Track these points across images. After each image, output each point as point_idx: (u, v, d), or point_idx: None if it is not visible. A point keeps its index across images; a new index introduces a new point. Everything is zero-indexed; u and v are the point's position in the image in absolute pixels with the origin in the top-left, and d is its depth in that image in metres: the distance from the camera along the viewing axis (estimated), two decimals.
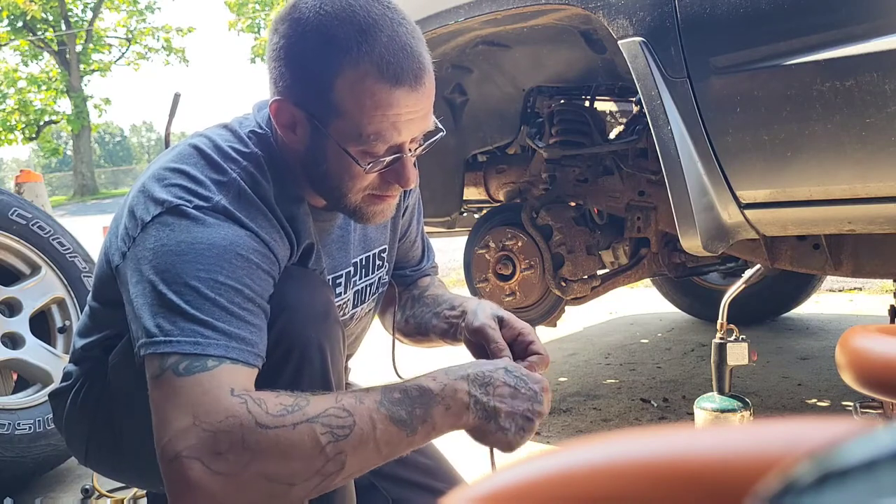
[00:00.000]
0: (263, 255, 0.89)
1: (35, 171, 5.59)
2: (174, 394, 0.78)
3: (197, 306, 0.81)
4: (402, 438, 0.84)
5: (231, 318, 0.82)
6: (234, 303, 0.83)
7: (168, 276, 0.83)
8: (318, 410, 0.79)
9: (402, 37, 0.88)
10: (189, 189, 0.89)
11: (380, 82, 0.87)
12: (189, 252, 0.84)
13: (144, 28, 29.13)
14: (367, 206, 0.98)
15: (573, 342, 3.11)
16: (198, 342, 0.80)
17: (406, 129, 0.90)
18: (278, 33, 0.91)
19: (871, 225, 1.56)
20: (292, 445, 0.77)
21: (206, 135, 0.98)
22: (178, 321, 0.81)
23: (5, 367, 2.02)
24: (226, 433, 0.75)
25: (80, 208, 20.81)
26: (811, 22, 1.44)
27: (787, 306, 3.15)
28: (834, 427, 0.28)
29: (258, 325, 0.85)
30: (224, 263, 0.84)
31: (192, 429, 0.76)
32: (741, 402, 1.60)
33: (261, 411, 0.77)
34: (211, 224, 0.86)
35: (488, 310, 1.09)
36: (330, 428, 0.79)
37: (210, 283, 0.82)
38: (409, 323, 1.25)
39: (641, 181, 2.13)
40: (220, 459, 0.75)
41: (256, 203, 0.91)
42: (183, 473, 0.75)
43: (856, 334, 0.73)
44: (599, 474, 0.32)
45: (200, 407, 0.76)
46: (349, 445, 0.79)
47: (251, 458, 0.76)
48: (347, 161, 0.92)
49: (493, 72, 2.31)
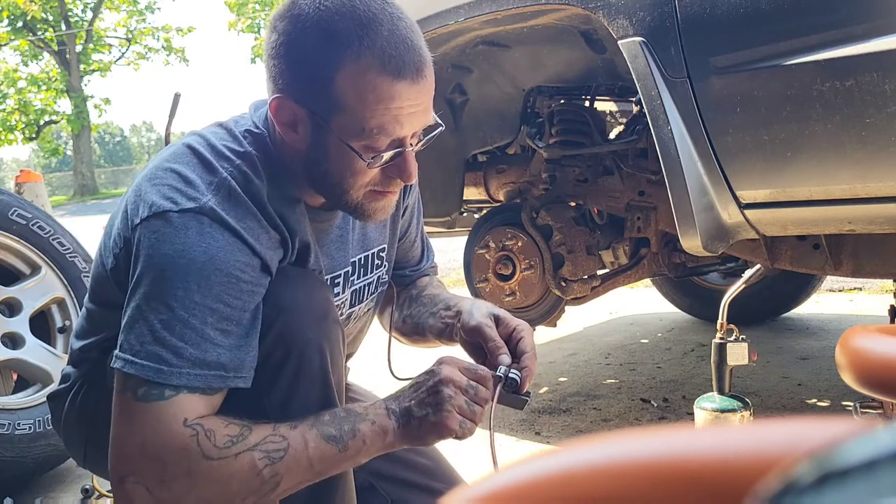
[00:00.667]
0: (246, 265, 0.89)
1: (35, 171, 5.59)
2: (130, 417, 0.84)
3: (169, 327, 0.84)
4: (335, 454, 0.89)
5: (201, 342, 0.85)
6: (208, 323, 0.85)
7: (148, 291, 0.86)
8: (259, 438, 0.85)
9: (403, 31, 0.89)
10: (179, 189, 0.90)
11: (382, 75, 0.87)
12: (169, 268, 0.86)
13: (144, 28, 29.14)
14: (369, 202, 0.98)
15: (573, 342, 3.11)
16: (161, 369, 0.83)
17: (408, 122, 0.91)
18: (277, 31, 0.91)
19: (871, 225, 1.56)
20: (233, 473, 0.83)
21: (200, 133, 0.98)
22: (147, 342, 0.84)
23: (5, 367, 2.02)
24: (173, 464, 0.81)
25: (80, 208, 20.81)
26: (811, 22, 1.44)
27: (787, 306, 3.15)
28: (834, 427, 0.28)
29: (232, 345, 0.87)
30: (202, 281, 0.85)
31: (139, 454, 0.82)
32: (741, 402, 1.60)
33: (209, 444, 0.83)
34: (192, 236, 0.87)
35: (484, 309, 1.10)
36: (267, 453, 0.85)
37: (185, 304, 0.85)
38: (406, 323, 1.25)
39: (641, 181, 2.13)
40: (164, 487, 0.82)
41: (246, 203, 0.91)
42: (128, 497, 0.83)
43: (856, 334, 0.73)
44: (599, 474, 0.32)
45: (151, 435, 0.82)
46: (283, 467, 0.85)
47: (194, 485, 0.82)
48: (350, 157, 0.92)
49: (493, 72, 2.31)
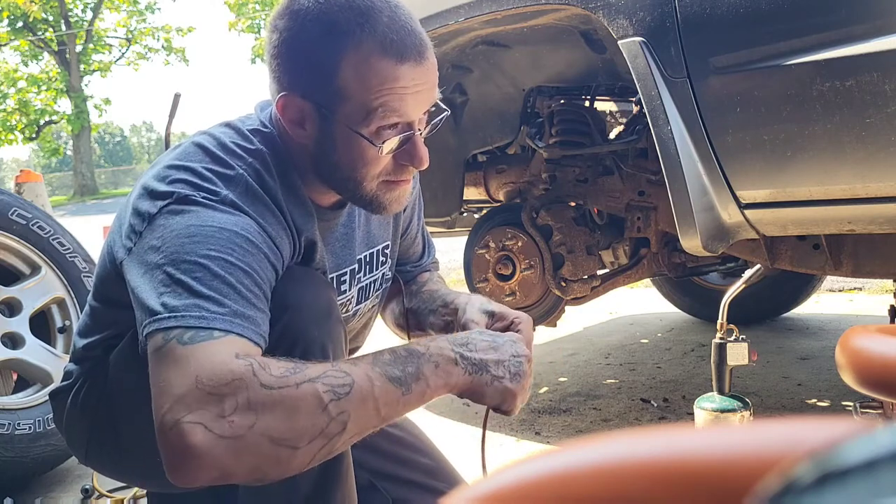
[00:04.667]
0: (270, 247, 0.89)
1: (35, 171, 5.58)
2: (177, 362, 0.76)
3: (205, 283, 0.80)
4: (399, 397, 0.83)
5: (238, 298, 0.81)
6: (243, 284, 0.82)
7: (176, 257, 0.82)
8: (319, 372, 0.79)
9: (402, 17, 0.90)
10: (195, 184, 0.89)
11: (384, 59, 0.88)
12: (198, 234, 0.83)
13: (144, 28, 29.13)
14: (384, 193, 0.98)
15: (573, 342, 3.11)
16: (203, 316, 0.78)
17: (413, 102, 0.91)
18: (278, 29, 0.92)
19: (871, 225, 1.56)
20: (297, 404, 0.76)
21: (209, 133, 0.98)
22: (185, 297, 0.79)
23: (5, 367, 2.02)
24: (230, 395, 0.73)
25: (80, 208, 20.80)
26: (811, 22, 1.44)
27: (787, 306, 3.15)
28: (834, 427, 0.28)
29: (263, 310, 0.85)
30: (234, 246, 0.83)
31: (194, 392, 0.73)
32: (741, 402, 1.60)
33: (265, 373, 0.76)
34: (221, 210, 0.86)
35: (477, 305, 1.10)
36: (331, 387, 0.78)
37: (220, 262, 0.82)
38: (408, 319, 1.25)
39: (641, 181, 2.13)
40: (223, 422, 0.73)
41: (264, 199, 0.92)
42: (184, 440, 0.72)
43: (856, 334, 0.73)
44: (599, 474, 0.32)
45: (204, 370, 0.74)
46: (351, 404, 0.78)
47: (256, 418, 0.74)
48: (360, 145, 0.92)
49: (493, 72, 2.31)
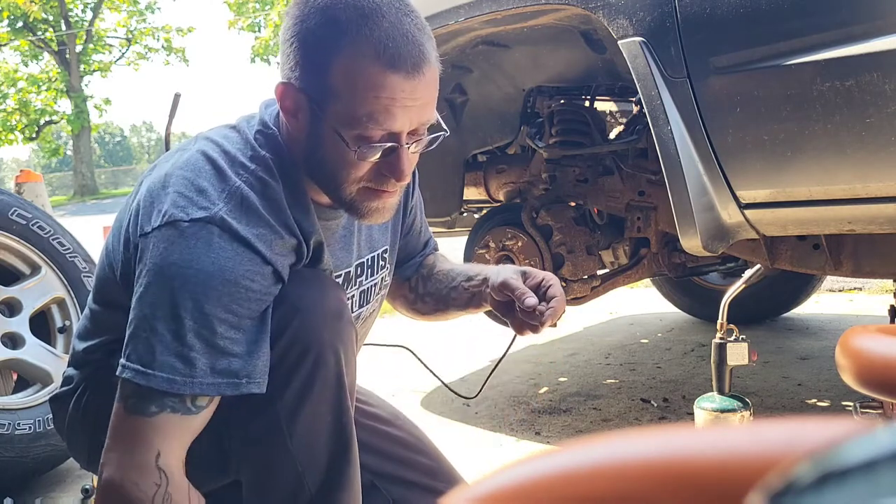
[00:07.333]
0: (256, 273, 0.90)
1: (35, 171, 5.58)
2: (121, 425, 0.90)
3: (179, 337, 0.87)
4: None
5: (212, 351, 0.88)
6: (217, 333, 0.87)
7: (156, 301, 0.88)
8: None
9: (406, 26, 0.88)
10: (190, 198, 0.90)
11: (374, 65, 0.87)
12: (178, 278, 0.87)
13: (144, 28, 29.12)
14: (363, 200, 0.97)
15: (573, 342, 3.11)
16: (174, 380, 0.87)
17: (401, 115, 0.89)
18: (289, 15, 0.92)
19: (871, 225, 1.56)
20: None
21: (213, 139, 0.98)
22: (157, 352, 0.87)
23: (5, 367, 2.02)
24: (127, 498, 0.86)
25: (80, 208, 20.80)
26: (811, 22, 1.44)
27: (787, 306, 3.15)
28: (834, 427, 0.28)
29: (243, 352, 0.89)
30: (210, 291, 0.87)
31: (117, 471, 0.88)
32: (741, 402, 1.60)
33: None
34: (201, 246, 0.88)
35: (510, 269, 1.15)
36: None
37: (195, 314, 0.87)
38: (426, 302, 1.29)
39: (641, 181, 2.13)
40: None
41: (258, 211, 0.92)
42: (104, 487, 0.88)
43: (856, 334, 0.73)
44: (600, 474, 0.32)
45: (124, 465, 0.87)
46: None
47: None
48: (342, 147, 0.91)
49: (493, 72, 2.31)
